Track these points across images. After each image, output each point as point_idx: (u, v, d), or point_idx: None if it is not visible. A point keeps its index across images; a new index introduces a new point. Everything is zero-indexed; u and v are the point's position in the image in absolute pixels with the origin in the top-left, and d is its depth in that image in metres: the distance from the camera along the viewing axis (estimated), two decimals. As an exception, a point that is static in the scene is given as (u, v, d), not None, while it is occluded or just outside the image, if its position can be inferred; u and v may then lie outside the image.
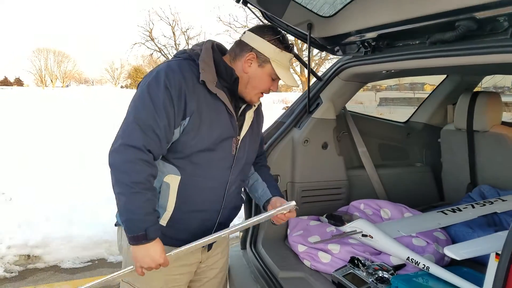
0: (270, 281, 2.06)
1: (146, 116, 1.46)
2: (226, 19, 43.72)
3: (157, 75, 1.50)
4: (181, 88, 1.49)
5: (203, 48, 1.62)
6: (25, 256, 3.88)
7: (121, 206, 1.47)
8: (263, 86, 1.66)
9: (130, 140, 1.45)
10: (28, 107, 15.41)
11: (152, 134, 1.47)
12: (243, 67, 1.62)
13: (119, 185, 1.46)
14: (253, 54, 1.61)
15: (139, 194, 1.45)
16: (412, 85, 36.92)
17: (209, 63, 1.59)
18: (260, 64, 1.62)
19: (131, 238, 1.47)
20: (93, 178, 5.82)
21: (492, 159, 2.68)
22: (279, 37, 1.60)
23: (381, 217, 2.44)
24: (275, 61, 1.61)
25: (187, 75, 1.52)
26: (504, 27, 1.49)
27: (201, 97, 1.54)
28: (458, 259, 1.61)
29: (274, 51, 1.60)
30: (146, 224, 1.47)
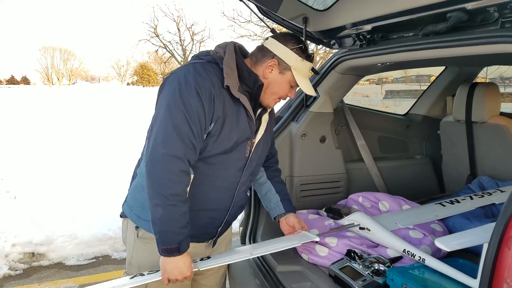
0: (268, 275, 2.07)
1: (182, 125, 1.47)
2: (230, 14, 43.57)
3: (186, 80, 1.50)
4: (211, 93, 1.51)
5: (227, 51, 1.63)
6: (29, 253, 3.93)
7: (157, 217, 1.48)
8: (282, 92, 1.70)
9: (172, 150, 1.46)
10: (35, 106, 15.51)
11: (189, 143, 1.49)
12: (264, 72, 1.66)
13: (157, 196, 1.47)
14: (275, 61, 1.64)
15: (176, 207, 1.48)
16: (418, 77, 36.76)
17: (233, 68, 1.60)
18: (281, 71, 1.66)
19: (164, 250, 1.50)
20: (97, 175, 5.87)
21: (491, 150, 2.67)
22: (302, 46, 1.65)
23: (379, 209, 2.45)
24: (296, 69, 1.65)
25: (214, 80, 1.54)
26: (494, 18, 1.49)
27: (226, 102, 1.56)
28: (448, 251, 1.62)
29: (295, 59, 1.64)
30: (180, 237, 1.50)
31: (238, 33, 32.54)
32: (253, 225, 2.47)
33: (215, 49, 1.67)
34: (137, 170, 1.78)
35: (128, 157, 6.44)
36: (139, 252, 1.77)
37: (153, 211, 1.49)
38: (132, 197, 1.78)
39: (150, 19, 57.07)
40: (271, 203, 2.02)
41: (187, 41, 41.97)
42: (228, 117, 1.57)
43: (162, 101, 1.53)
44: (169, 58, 43.98)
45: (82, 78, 69.16)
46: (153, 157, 1.48)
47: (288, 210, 1.98)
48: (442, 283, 1.61)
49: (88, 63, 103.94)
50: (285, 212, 1.98)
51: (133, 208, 1.75)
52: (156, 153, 1.47)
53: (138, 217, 1.72)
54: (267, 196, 2.04)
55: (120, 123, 10.62)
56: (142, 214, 1.70)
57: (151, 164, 1.48)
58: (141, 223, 1.72)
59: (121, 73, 64.75)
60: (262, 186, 2.05)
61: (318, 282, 1.87)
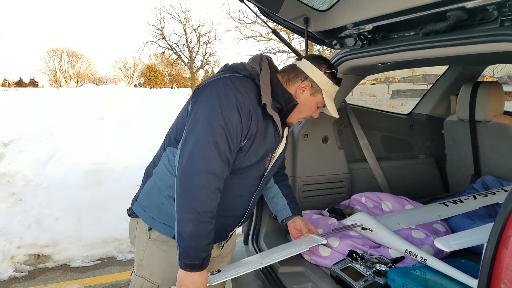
0: (270, 276, 2.07)
1: (222, 142, 1.47)
2: (236, 15, 43.63)
3: (227, 96, 1.50)
4: (250, 112, 1.53)
5: (263, 68, 1.65)
6: (35, 255, 3.96)
7: (186, 232, 1.47)
8: (308, 112, 1.77)
9: (211, 168, 1.47)
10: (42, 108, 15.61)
11: (226, 160, 1.50)
12: (296, 92, 1.69)
13: (190, 211, 1.46)
14: (308, 83, 1.69)
15: (207, 224, 1.48)
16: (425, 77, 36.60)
17: (268, 85, 1.63)
18: (312, 93, 1.71)
19: (186, 264, 1.49)
20: (102, 177, 5.89)
21: (495, 149, 2.65)
22: (334, 72, 1.72)
23: (382, 210, 2.44)
24: (326, 92, 1.71)
25: (252, 97, 1.56)
26: (494, 16, 1.48)
27: (259, 119, 1.58)
28: (447, 251, 1.61)
29: (327, 83, 1.70)
30: (205, 253, 1.51)
31: (244, 34, 32.62)
32: (256, 226, 2.47)
33: (250, 63, 1.67)
34: (154, 170, 1.76)
35: (134, 158, 6.47)
36: (152, 254, 1.75)
37: (183, 225, 1.47)
38: (146, 198, 1.75)
39: (156, 21, 57.26)
40: (278, 206, 2.03)
41: (193, 43, 42.03)
42: (259, 134, 1.59)
43: (200, 114, 1.51)
44: (176, 59, 44.09)
45: (89, 80, 69.54)
46: (190, 172, 1.47)
47: (295, 213, 2.00)
48: (443, 283, 1.60)
49: (96, 65, 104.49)
50: (292, 215, 1.99)
51: (147, 209, 1.73)
52: (194, 168, 1.46)
53: (153, 219, 1.70)
54: (274, 200, 2.04)
55: (127, 125, 10.66)
56: (157, 216, 1.69)
57: (187, 179, 1.47)
58: (156, 225, 1.70)
59: (129, 75, 65.05)
60: (269, 190, 2.06)
61: (319, 283, 1.87)
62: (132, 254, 4.06)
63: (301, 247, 1.87)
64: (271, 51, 29.36)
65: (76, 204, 4.83)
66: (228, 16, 41.94)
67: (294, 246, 1.92)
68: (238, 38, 31.05)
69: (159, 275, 1.72)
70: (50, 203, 4.85)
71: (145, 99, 20.25)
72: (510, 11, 1.41)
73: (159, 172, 1.71)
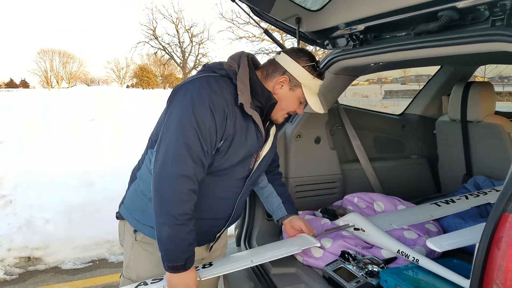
0: (262, 277, 2.06)
1: (194, 143, 1.45)
2: (229, 16, 43.63)
3: (200, 95, 1.48)
4: (224, 112, 1.49)
5: (241, 66, 1.61)
6: (25, 258, 3.92)
7: (164, 236, 1.47)
8: (290, 108, 1.68)
9: (182, 169, 1.45)
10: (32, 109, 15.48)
11: (199, 161, 1.48)
12: (274, 88, 1.63)
13: (165, 215, 1.46)
14: (286, 77, 1.62)
15: (184, 226, 1.47)
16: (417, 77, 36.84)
17: (246, 84, 1.58)
18: (291, 87, 1.64)
19: (170, 267, 1.50)
20: (94, 178, 5.85)
21: (486, 149, 2.66)
22: (314, 64, 1.63)
23: (375, 210, 2.44)
24: (306, 87, 1.63)
25: (228, 97, 1.52)
26: (485, 16, 1.48)
27: (237, 119, 1.55)
28: (439, 251, 1.61)
29: (306, 77, 1.62)
30: (186, 255, 1.50)
31: (237, 34, 32.64)
32: (248, 228, 2.45)
33: (228, 62, 1.64)
34: (137, 173, 1.76)
35: (126, 159, 6.43)
36: (138, 255, 1.76)
37: (160, 229, 1.48)
38: (131, 201, 1.76)
39: (148, 21, 57.14)
40: (273, 206, 2.02)
41: (186, 43, 42.00)
42: (238, 134, 1.56)
43: (174, 115, 1.50)
44: (169, 60, 44.04)
45: (81, 81, 69.08)
46: (162, 175, 1.46)
47: (291, 212, 1.99)
48: (436, 283, 1.60)
49: (87, 66, 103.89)
50: (287, 214, 1.99)
51: (132, 211, 1.73)
52: (165, 171, 1.45)
53: (137, 221, 1.71)
54: (268, 199, 2.04)
55: (119, 126, 10.60)
56: (141, 218, 1.69)
57: (159, 182, 1.46)
58: (140, 227, 1.71)
59: (121, 76, 64.75)
60: (263, 190, 2.05)
61: (312, 284, 1.86)
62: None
63: (294, 248, 1.87)
64: (264, 52, 29.44)
65: (67, 206, 4.79)
66: (220, 16, 42.01)
67: (286, 245, 1.92)
68: (231, 38, 31.06)
69: (146, 276, 1.71)
70: (40, 205, 4.79)
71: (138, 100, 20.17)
72: (501, 11, 1.41)
73: (142, 175, 1.71)
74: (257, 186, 2.07)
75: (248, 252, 1.99)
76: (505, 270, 0.97)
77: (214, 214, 1.69)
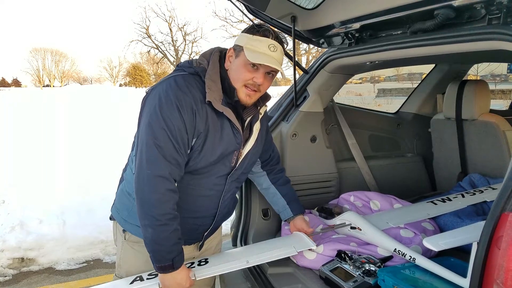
0: (259, 277, 2.05)
1: (165, 143, 1.46)
2: (222, 14, 43.58)
3: (167, 95, 1.48)
4: (192, 109, 1.49)
5: (211, 63, 1.60)
6: (18, 259, 3.88)
7: (148, 237, 1.50)
8: (242, 76, 1.55)
9: (157, 170, 1.46)
10: (24, 108, 15.37)
11: (174, 160, 1.48)
12: (226, 65, 1.61)
13: (146, 217, 1.48)
14: (231, 49, 1.60)
15: (166, 226, 1.48)
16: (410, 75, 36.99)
17: (216, 80, 1.57)
18: (236, 55, 1.58)
19: (158, 267, 1.52)
20: (87, 178, 5.81)
21: (481, 147, 2.67)
22: (253, 25, 1.57)
23: (371, 208, 2.43)
24: (247, 48, 1.52)
25: (196, 95, 1.52)
26: (482, 15, 1.48)
27: (208, 117, 1.54)
28: (436, 250, 1.62)
29: (247, 38, 1.55)
30: (172, 254, 1.51)
31: (230, 33, 32.58)
32: (244, 227, 2.44)
33: (199, 59, 1.63)
34: (124, 174, 1.79)
35: (119, 159, 6.39)
36: (127, 254, 1.79)
37: (144, 231, 1.50)
38: (119, 201, 1.80)
39: (141, 20, 56.85)
40: (279, 207, 2.08)
41: (179, 42, 41.91)
42: (211, 132, 1.55)
43: (144, 118, 1.52)
44: (162, 58, 43.90)
45: (74, 80, 68.60)
46: (140, 177, 1.48)
47: (296, 213, 2.04)
48: (433, 282, 1.60)
49: (80, 65, 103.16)
50: (293, 215, 2.03)
51: (120, 211, 1.77)
52: (141, 173, 1.47)
53: (125, 220, 1.74)
54: (274, 200, 2.09)
55: (112, 125, 10.54)
56: (128, 218, 1.72)
57: (137, 185, 1.49)
58: (128, 227, 1.74)
59: (114, 74, 64.38)
60: (267, 191, 2.09)
61: (309, 284, 1.86)
62: (118, 256, 4.01)
63: (290, 250, 1.87)
64: (258, 50, 29.30)
65: (61, 206, 4.75)
66: (214, 14, 41.95)
67: (283, 245, 1.93)
68: (225, 37, 30.99)
69: (135, 274, 1.73)
70: (33, 205, 4.75)
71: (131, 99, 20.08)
72: (498, 9, 1.41)
73: (127, 175, 1.74)
74: (260, 188, 2.12)
75: (244, 250, 1.99)
76: (506, 269, 0.97)
77: (197, 212, 1.69)
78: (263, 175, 2.06)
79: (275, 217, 2.43)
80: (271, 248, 1.90)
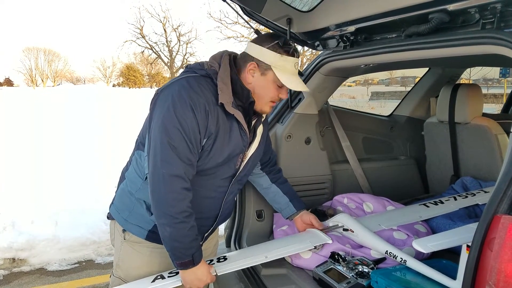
0: (253, 278, 2.05)
1: (180, 143, 1.47)
2: (217, 15, 43.61)
3: (180, 96, 1.49)
4: (205, 110, 1.51)
5: (222, 65, 1.60)
6: (10, 259, 3.85)
7: (166, 236, 1.52)
8: (270, 94, 1.63)
9: (172, 170, 1.48)
10: (17, 108, 15.29)
11: (188, 160, 1.50)
12: (246, 78, 1.62)
13: (163, 216, 1.50)
14: (254, 64, 1.60)
15: (184, 223, 1.51)
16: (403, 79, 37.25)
17: (227, 83, 1.58)
18: (262, 72, 1.60)
19: (179, 264, 1.55)
20: (80, 178, 5.79)
21: (474, 150, 2.69)
22: (278, 42, 1.58)
23: (364, 210, 2.45)
24: (277, 67, 1.57)
25: (208, 96, 1.53)
26: (476, 19, 1.50)
27: (219, 118, 1.56)
28: (425, 252, 1.64)
29: (274, 57, 1.57)
30: (192, 250, 1.54)
31: (225, 34, 32.69)
32: (238, 228, 2.45)
33: (209, 62, 1.64)
34: (125, 173, 1.79)
35: (112, 159, 6.37)
36: (127, 255, 1.78)
37: (162, 230, 1.52)
38: (119, 200, 1.79)
39: (136, 20, 56.77)
40: (281, 205, 2.08)
41: (173, 42, 41.85)
42: (221, 133, 1.57)
43: (157, 117, 1.52)
44: (156, 59, 43.83)
45: (67, 80, 68.24)
46: (155, 178, 1.50)
47: (300, 208, 2.07)
48: (425, 284, 1.61)
49: (73, 64, 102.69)
50: (297, 211, 2.05)
51: (121, 211, 1.76)
52: (157, 173, 1.49)
53: (126, 220, 1.73)
54: (275, 199, 2.09)
55: (105, 125, 10.52)
56: (129, 218, 1.72)
57: (153, 185, 1.50)
58: (129, 227, 1.73)
59: (107, 75, 64.13)
60: (268, 191, 2.10)
61: (302, 285, 1.87)
62: (111, 257, 3.99)
63: (306, 245, 1.91)
64: (253, 52, 29.35)
65: (53, 206, 4.72)
66: (209, 16, 41.95)
67: (298, 241, 1.96)
68: (219, 38, 31.03)
69: (134, 275, 1.74)
70: (25, 205, 4.71)
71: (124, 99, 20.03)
72: (491, 14, 1.43)
73: (129, 175, 1.74)
74: (260, 187, 2.13)
75: (261, 247, 2.00)
76: (498, 271, 0.98)
77: (201, 213, 1.69)
78: (262, 176, 2.08)
79: (269, 219, 2.43)
80: (288, 244, 1.94)
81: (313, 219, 2.03)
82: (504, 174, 1.10)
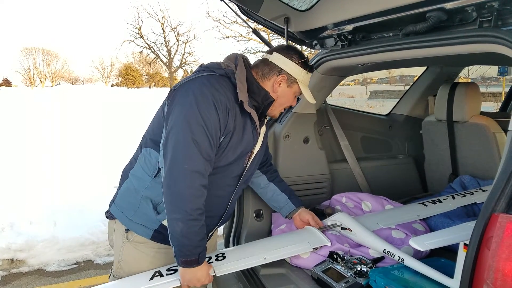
0: (252, 278, 2.05)
1: (202, 139, 1.50)
2: (215, 15, 43.61)
3: (202, 93, 1.52)
4: (227, 108, 1.55)
5: (239, 66, 1.67)
6: (8, 260, 3.84)
7: (177, 232, 1.51)
8: (288, 103, 1.80)
9: (194, 166, 1.49)
10: (15, 108, 15.28)
11: (208, 157, 1.53)
12: (273, 87, 1.71)
13: (178, 211, 1.50)
14: (284, 76, 1.71)
15: (196, 221, 1.52)
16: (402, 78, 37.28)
17: (244, 83, 1.65)
18: (289, 84, 1.73)
19: (183, 261, 1.54)
20: (78, 179, 5.78)
21: (472, 149, 2.69)
22: (305, 61, 1.73)
23: (362, 210, 2.45)
24: (301, 82, 1.73)
25: (228, 95, 1.58)
26: (473, 18, 1.50)
27: (237, 116, 1.61)
28: (422, 250, 1.64)
29: (301, 73, 1.72)
30: (199, 249, 1.54)
31: (223, 34, 32.65)
32: (237, 228, 2.44)
33: (225, 62, 1.70)
34: (130, 172, 1.77)
35: (111, 159, 6.37)
36: (129, 255, 1.76)
37: (173, 225, 1.51)
38: (123, 199, 1.77)
39: (134, 20, 56.71)
40: (280, 203, 2.11)
41: (172, 42, 41.81)
42: (237, 131, 1.62)
43: (178, 113, 1.53)
44: (154, 59, 43.80)
45: (65, 80, 68.14)
46: (174, 172, 1.50)
47: (298, 205, 2.10)
48: (423, 283, 1.61)
49: (72, 65, 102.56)
50: (296, 208, 2.10)
51: (124, 210, 1.74)
52: (177, 168, 1.49)
53: (130, 220, 1.72)
54: (274, 198, 2.12)
55: (104, 125, 10.52)
56: (134, 217, 1.71)
57: (172, 179, 1.50)
58: (133, 226, 1.72)
59: (105, 75, 64.05)
60: (266, 190, 2.12)
61: (301, 284, 1.86)
62: (110, 257, 3.99)
63: (305, 247, 1.91)
64: (251, 51, 29.43)
65: (51, 207, 4.71)
66: (207, 15, 41.96)
67: (297, 240, 1.96)
68: (218, 37, 31.02)
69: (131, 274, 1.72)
70: (23, 206, 4.70)
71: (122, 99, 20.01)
72: (489, 12, 1.43)
73: (136, 173, 1.73)
74: (258, 187, 2.15)
75: (259, 245, 2.00)
76: (495, 270, 0.98)
77: (208, 212, 1.69)
78: (260, 175, 2.11)
79: (267, 218, 2.43)
80: (286, 244, 1.94)
81: (310, 218, 2.06)
82: (502, 172, 1.10)
